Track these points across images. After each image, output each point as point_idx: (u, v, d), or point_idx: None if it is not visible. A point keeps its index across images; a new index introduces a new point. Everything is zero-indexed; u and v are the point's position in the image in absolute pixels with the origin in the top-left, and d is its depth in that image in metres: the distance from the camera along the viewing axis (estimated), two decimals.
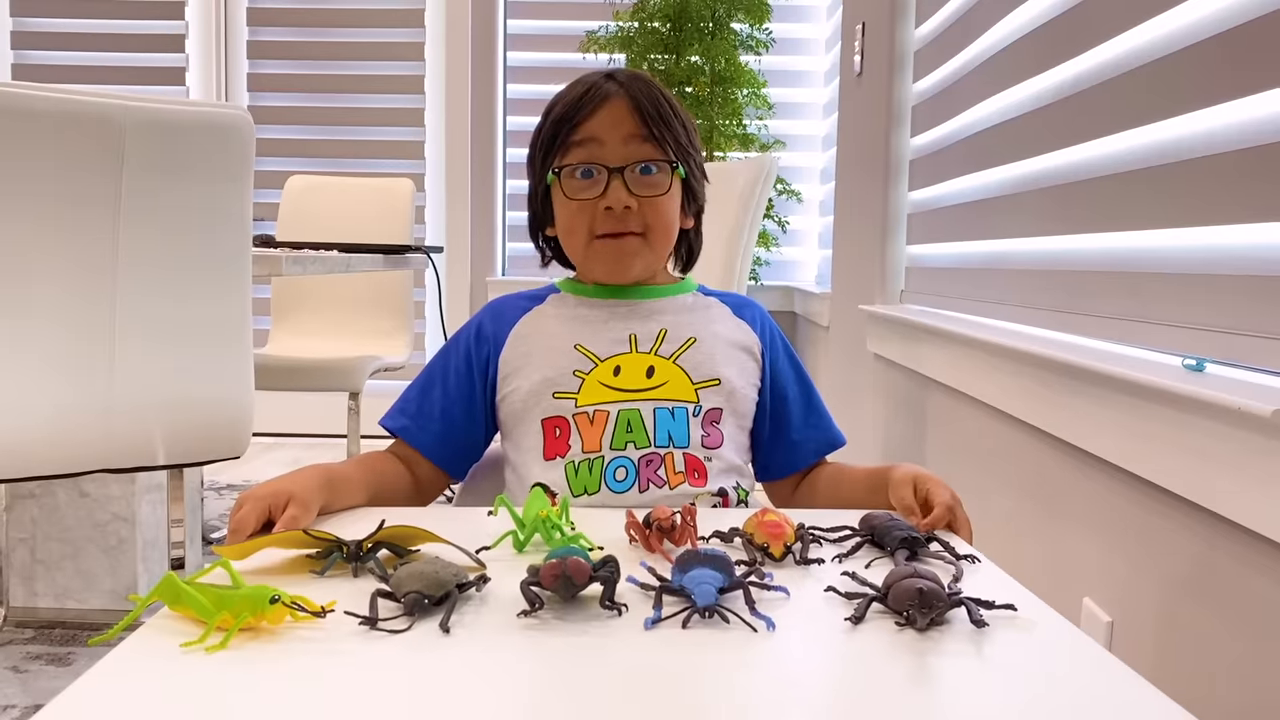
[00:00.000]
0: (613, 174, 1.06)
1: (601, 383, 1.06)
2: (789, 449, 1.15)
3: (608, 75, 1.11)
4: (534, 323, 1.13)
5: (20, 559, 2.04)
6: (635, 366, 1.07)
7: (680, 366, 1.08)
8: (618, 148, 1.07)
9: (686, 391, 1.07)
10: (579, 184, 1.08)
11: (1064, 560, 1.22)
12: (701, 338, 1.10)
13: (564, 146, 1.08)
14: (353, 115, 4.02)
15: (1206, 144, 0.99)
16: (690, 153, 1.12)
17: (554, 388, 1.06)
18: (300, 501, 0.88)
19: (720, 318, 1.15)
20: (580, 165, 1.07)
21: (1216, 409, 0.86)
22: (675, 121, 1.10)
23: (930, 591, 0.68)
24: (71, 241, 1.41)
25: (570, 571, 0.69)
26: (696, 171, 1.13)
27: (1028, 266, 1.46)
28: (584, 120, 1.07)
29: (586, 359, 1.08)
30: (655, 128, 1.07)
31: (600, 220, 1.08)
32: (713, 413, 1.07)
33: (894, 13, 2.19)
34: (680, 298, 1.15)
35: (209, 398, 1.56)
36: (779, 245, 3.71)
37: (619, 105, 1.08)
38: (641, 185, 1.07)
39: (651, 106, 1.08)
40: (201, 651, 0.62)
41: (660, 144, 1.08)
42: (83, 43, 4.04)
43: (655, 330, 1.10)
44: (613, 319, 1.11)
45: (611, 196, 1.06)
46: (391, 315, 3.01)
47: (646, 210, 1.08)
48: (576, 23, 3.68)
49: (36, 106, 1.35)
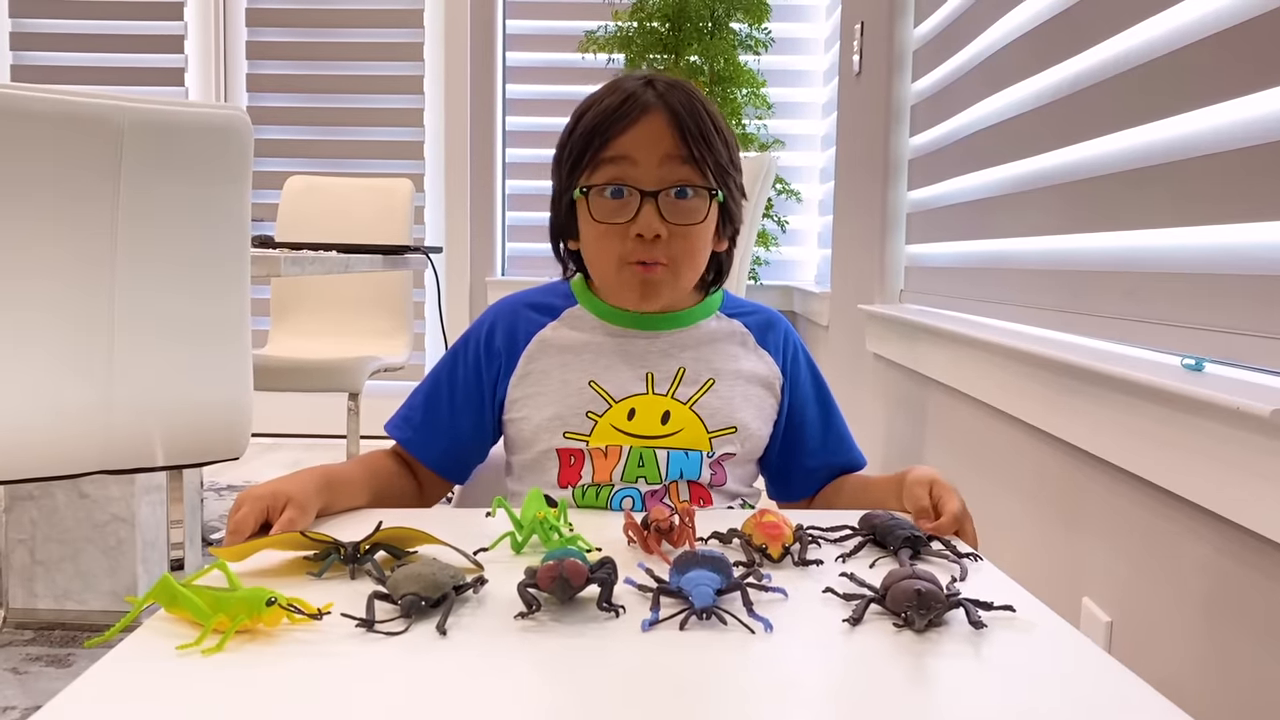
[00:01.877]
0: (645, 198, 0.98)
1: (615, 426, 1.02)
2: (803, 475, 1.12)
3: (646, 82, 1.01)
4: (548, 344, 1.07)
5: (20, 560, 2.04)
6: (651, 410, 1.03)
7: (697, 414, 1.03)
8: (652, 169, 0.98)
9: (701, 441, 1.03)
10: (608, 205, 1.00)
11: (1063, 560, 1.22)
12: (720, 377, 1.06)
13: (594, 162, 1.00)
14: (352, 116, 4.02)
15: (1206, 143, 0.98)
16: (730, 173, 1.03)
17: (565, 427, 1.03)
18: (298, 503, 0.87)
19: (741, 350, 1.09)
20: (610, 185, 0.99)
21: (1215, 409, 0.86)
22: (717, 140, 1.01)
23: (928, 593, 0.68)
24: (70, 242, 1.41)
25: (567, 573, 0.69)
26: (736, 193, 1.04)
27: (1027, 266, 1.46)
28: (618, 135, 0.99)
29: (600, 399, 1.03)
30: (696, 148, 0.98)
31: (630, 247, 0.99)
32: (725, 456, 1.04)
33: (893, 12, 2.18)
34: (703, 325, 1.09)
35: (208, 399, 1.56)
36: (778, 245, 3.71)
37: (657, 120, 0.99)
38: (676, 211, 0.99)
39: (693, 122, 0.99)
40: (198, 653, 0.62)
41: (699, 165, 0.99)
42: (82, 44, 4.04)
43: (674, 369, 1.05)
44: (630, 353, 1.06)
45: (642, 223, 0.98)
46: (391, 316, 3.01)
47: (676, 239, 1.00)
48: (575, 23, 3.68)
49: (35, 108, 1.35)
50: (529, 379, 1.06)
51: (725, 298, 1.13)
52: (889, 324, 2.07)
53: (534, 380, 1.06)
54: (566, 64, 3.73)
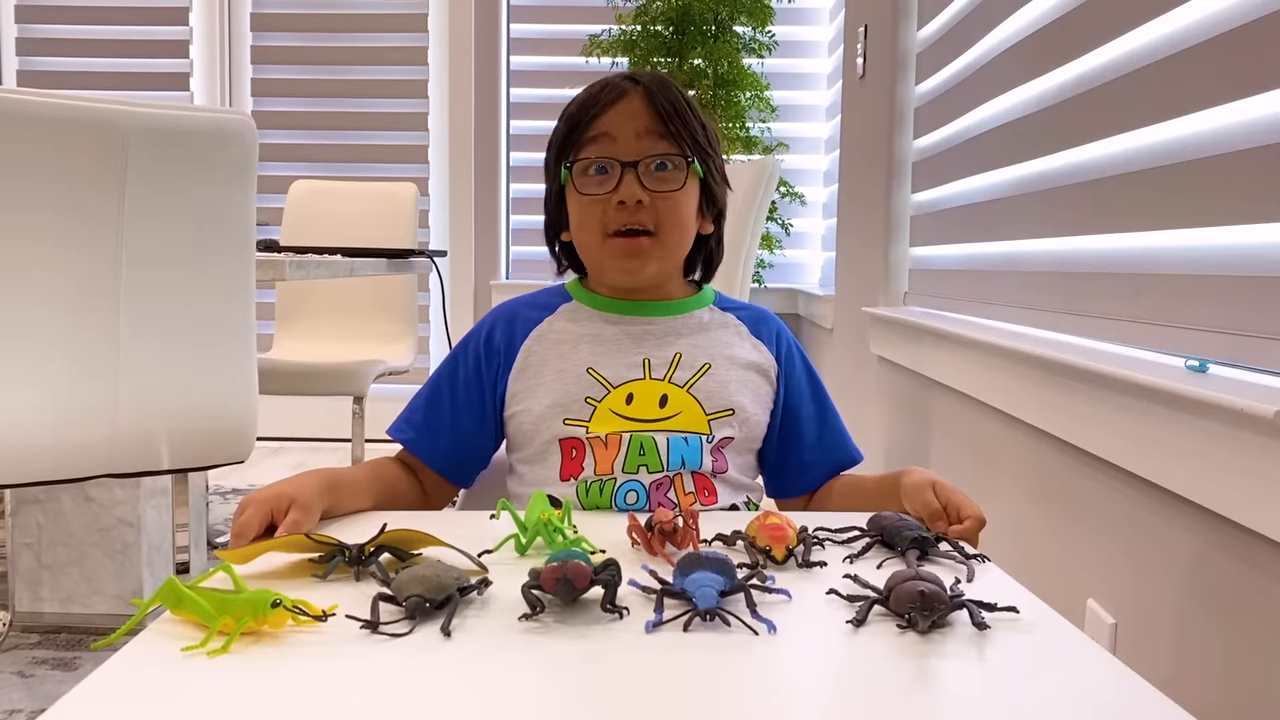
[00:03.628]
0: (626, 168, 1.03)
1: (614, 411, 1.04)
2: (800, 469, 1.13)
3: (626, 75, 1.09)
4: (545, 338, 1.10)
5: (26, 564, 2.04)
6: (648, 395, 1.05)
7: (694, 396, 1.05)
8: (631, 143, 1.04)
9: (699, 423, 1.04)
10: (592, 179, 1.05)
11: (1068, 562, 1.22)
12: (716, 363, 1.08)
13: (578, 143, 1.06)
14: (356, 120, 4.03)
15: (1210, 144, 0.98)
16: (709, 152, 1.08)
17: (565, 414, 1.04)
18: (302, 505, 0.88)
19: (736, 338, 1.12)
20: (594, 161, 1.05)
21: (1220, 410, 0.86)
22: (692, 119, 1.07)
23: (932, 594, 0.68)
24: (76, 246, 1.41)
25: (571, 575, 0.69)
26: (715, 173, 1.10)
27: (1031, 268, 1.46)
28: (598, 116, 1.05)
29: (599, 385, 1.05)
30: (671, 124, 1.05)
31: (612, 216, 1.04)
32: (724, 441, 1.05)
33: (896, 15, 2.19)
34: (697, 314, 1.12)
35: (213, 402, 1.56)
36: (782, 248, 3.71)
37: (634, 101, 1.05)
38: (655, 180, 1.04)
39: (668, 103, 1.05)
40: (203, 655, 0.62)
41: (676, 140, 1.05)
42: (87, 49, 4.06)
43: (670, 355, 1.07)
44: (627, 340, 1.08)
45: (624, 190, 1.03)
46: (395, 319, 3.02)
47: (660, 206, 1.04)
48: (579, 27, 3.68)
49: (41, 112, 1.36)
50: (527, 371, 1.08)
51: (717, 297, 1.16)
52: (893, 326, 2.07)
53: (532, 372, 1.08)
54: (570, 68, 3.74)
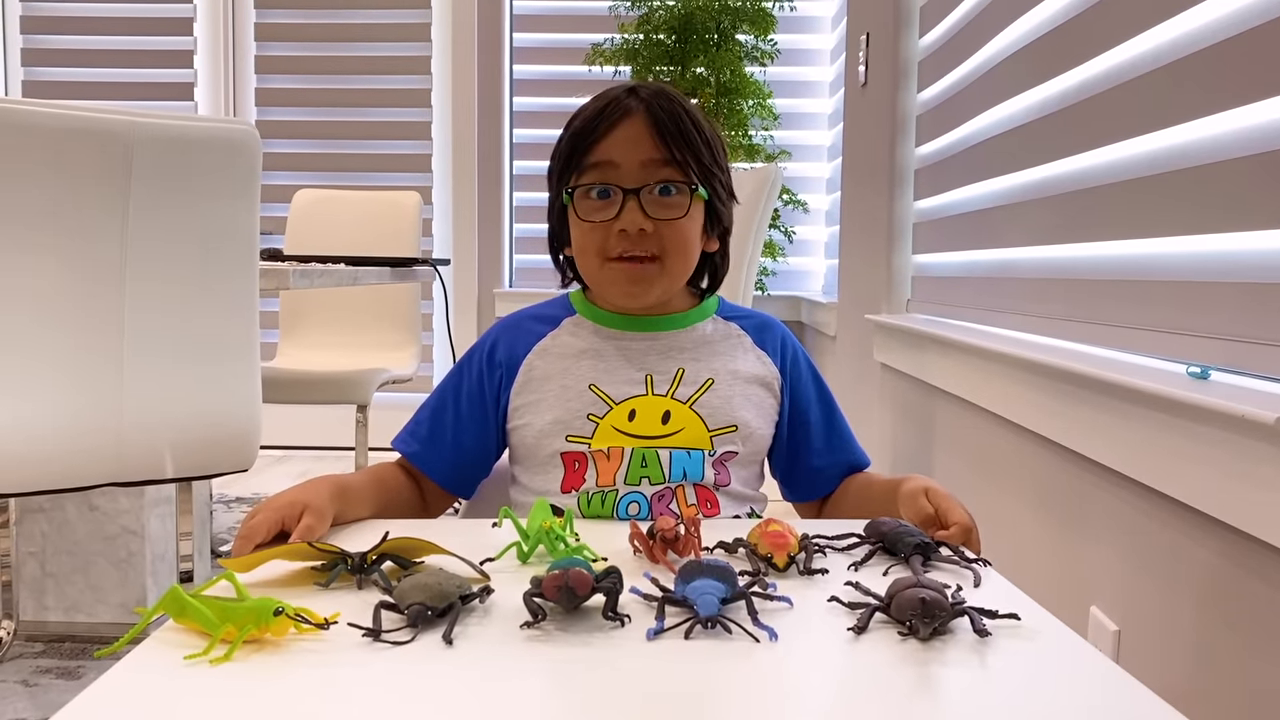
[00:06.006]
0: (628, 195, 1.01)
1: (616, 428, 1.03)
2: (811, 475, 1.12)
3: (630, 90, 1.05)
4: (548, 353, 1.09)
5: (30, 573, 2.05)
6: (651, 411, 1.04)
7: (697, 413, 1.04)
8: (634, 170, 1.01)
9: (702, 439, 1.04)
10: (594, 205, 1.03)
11: (1071, 569, 1.22)
12: (719, 377, 1.07)
13: (580, 167, 1.03)
14: (360, 129, 4.04)
15: (1212, 151, 0.98)
16: (715, 172, 1.05)
17: (567, 430, 1.04)
18: (316, 511, 0.88)
19: (739, 350, 1.10)
20: (595, 186, 1.02)
21: (1222, 416, 0.86)
22: (698, 140, 1.03)
23: (933, 601, 0.68)
24: (80, 256, 1.42)
25: (572, 582, 0.69)
26: (722, 192, 1.07)
27: (1033, 275, 1.46)
28: (599, 140, 1.02)
29: (601, 401, 1.04)
30: (676, 149, 1.02)
31: (614, 243, 1.02)
32: (727, 455, 1.05)
33: (898, 23, 2.19)
34: (700, 326, 1.10)
35: (217, 411, 1.57)
36: (785, 255, 3.71)
37: (637, 124, 1.02)
38: (659, 207, 1.02)
39: (673, 124, 1.02)
40: (206, 664, 0.63)
41: (681, 167, 1.02)
42: (92, 59, 4.07)
43: (673, 370, 1.06)
44: (629, 355, 1.07)
45: (626, 219, 1.01)
46: (399, 328, 3.02)
47: (664, 233, 1.02)
48: (582, 36, 3.70)
49: (45, 123, 1.36)
50: (530, 386, 1.08)
51: (721, 304, 1.15)
52: (896, 334, 2.07)
53: (535, 387, 1.07)
54: (573, 77, 3.75)
